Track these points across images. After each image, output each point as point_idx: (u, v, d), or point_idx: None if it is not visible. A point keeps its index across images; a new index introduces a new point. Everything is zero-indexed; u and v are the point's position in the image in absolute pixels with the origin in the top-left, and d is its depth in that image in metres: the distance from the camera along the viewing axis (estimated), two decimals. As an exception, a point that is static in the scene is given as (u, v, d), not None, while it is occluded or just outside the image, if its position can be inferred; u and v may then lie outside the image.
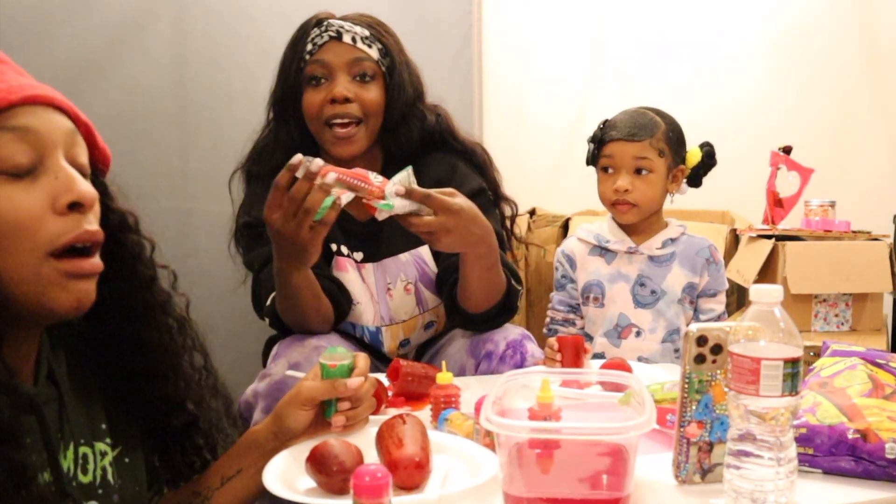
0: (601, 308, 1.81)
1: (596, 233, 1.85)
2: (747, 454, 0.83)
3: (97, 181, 0.86)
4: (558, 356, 1.41)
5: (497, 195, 1.70)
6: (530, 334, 1.55)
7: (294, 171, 1.26)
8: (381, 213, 1.29)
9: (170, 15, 2.10)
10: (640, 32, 2.75)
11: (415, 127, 1.62)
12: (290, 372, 1.35)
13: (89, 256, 0.80)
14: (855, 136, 2.64)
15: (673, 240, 1.81)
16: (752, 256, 2.21)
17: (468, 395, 1.20)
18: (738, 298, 2.33)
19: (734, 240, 2.38)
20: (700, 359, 0.90)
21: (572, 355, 1.41)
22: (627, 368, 1.35)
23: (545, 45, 2.80)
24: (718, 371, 0.90)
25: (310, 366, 1.16)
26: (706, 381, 0.90)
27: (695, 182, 1.82)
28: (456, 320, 1.59)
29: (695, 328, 0.91)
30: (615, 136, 1.75)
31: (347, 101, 1.54)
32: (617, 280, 1.81)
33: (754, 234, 2.27)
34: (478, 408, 1.05)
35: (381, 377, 1.32)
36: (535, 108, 2.82)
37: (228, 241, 1.71)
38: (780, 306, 0.84)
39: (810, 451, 0.95)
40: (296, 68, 1.58)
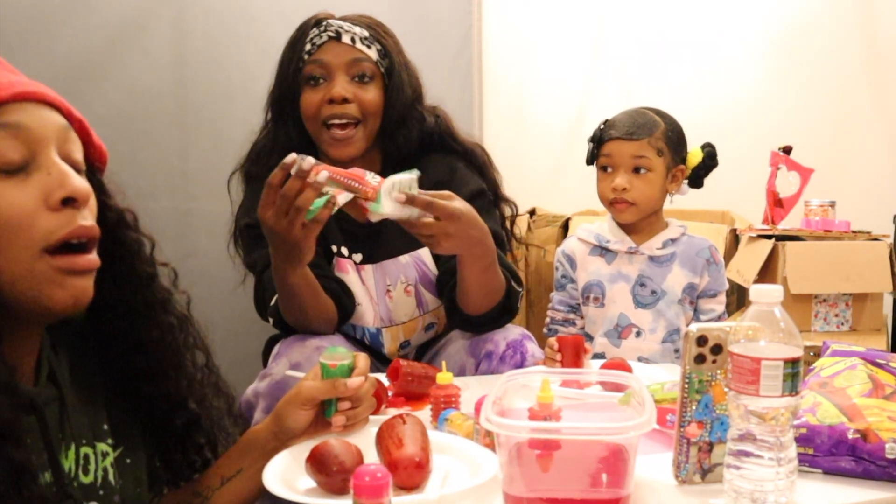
0: (601, 308, 1.82)
1: (596, 233, 1.85)
2: (747, 454, 0.83)
3: (94, 178, 0.86)
4: (558, 356, 1.41)
5: (497, 196, 1.70)
6: (530, 334, 1.55)
7: (288, 170, 1.26)
8: (372, 216, 1.29)
9: (170, 15, 2.10)
10: (640, 32, 2.75)
11: (414, 128, 1.62)
12: (291, 372, 1.35)
13: (85, 253, 0.79)
14: (855, 136, 2.64)
15: (673, 240, 1.81)
16: (752, 256, 2.21)
17: (468, 395, 1.20)
18: (738, 298, 2.33)
19: (734, 240, 2.38)
20: (700, 359, 0.90)
21: (572, 355, 1.41)
22: (627, 368, 1.35)
23: (545, 45, 2.80)
24: (718, 371, 0.90)
25: (310, 366, 1.16)
26: (706, 381, 0.90)
27: (696, 183, 1.82)
28: (456, 322, 1.59)
29: (695, 328, 0.91)
30: (614, 134, 1.76)
31: (346, 101, 1.54)
32: (617, 280, 1.81)
33: (754, 234, 2.27)
34: (478, 408, 1.05)
35: (381, 377, 1.32)
36: (535, 108, 2.82)
37: (228, 241, 1.72)
38: (780, 306, 0.84)
39: (810, 451, 0.95)
40: (294, 68, 1.57)
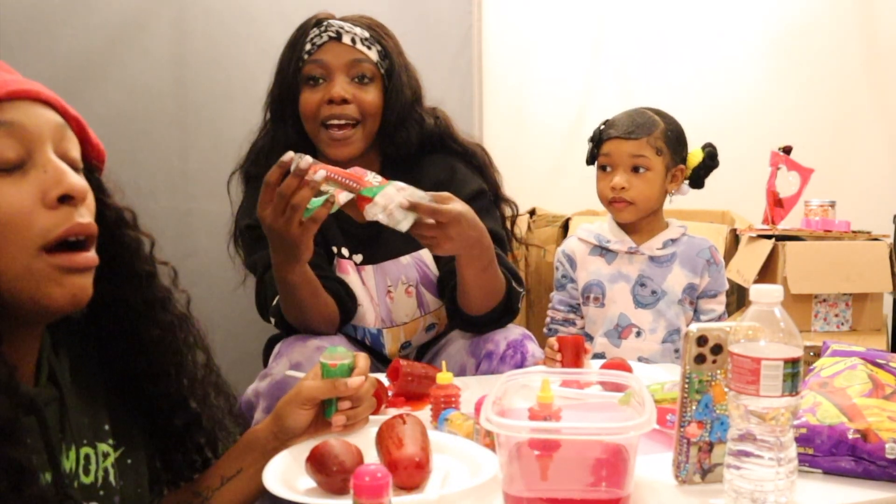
0: (601, 308, 1.82)
1: (596, 233, 1.85)
2: (747, 454, 0.83)
3: (92, 177, 0.86)
4: (558, 356, 1.41)
5: (497, 196, 1.70)
6: (531, 334, 1.55)
7: (285, 168, 1.27)
8: (368, 212, 1.29)
9: (170, 15, 2.10)
10: (640, 32, 2.75)
11: (413, 130, 1.61)
12: (291, 372, 1.35)
13: (83, 250, 0.79)
14: (855, 136, 2.64)
15: (673, 240, 1.81)
16: (752, 256, 2.21)
17: (468, 395, 1.20)
18: (738, 298, 2.33)
19: (734, 240, 2.38)
20: (700, 359, 0.90)
21: (572, 355, 1.41)
22: (627, 368, 1.35)
23: (545, 45, 2.80)
24: (718, 371, 0.90)
25: (311, 366, 1.16)
26: (706, 381, 0.90)
27: (696, 183, 1.82)
28: (457, 323, 1.59)
29: (695, 328, 0.91)
30: (613, 134, 1.76)
31: (345, 102, 1.54)
32: (617, 280, 1.81)
33: (754, 234, 2.27)
34: (478, 408, 1.05)
35: (381, 377, 1.32)
36: (535, 108, 2.82)
37: (228, 241, 1.72)
38: (780, 306, 0.84)
39: (810, 451, 0.95)
40: (294, 68, 1.57)
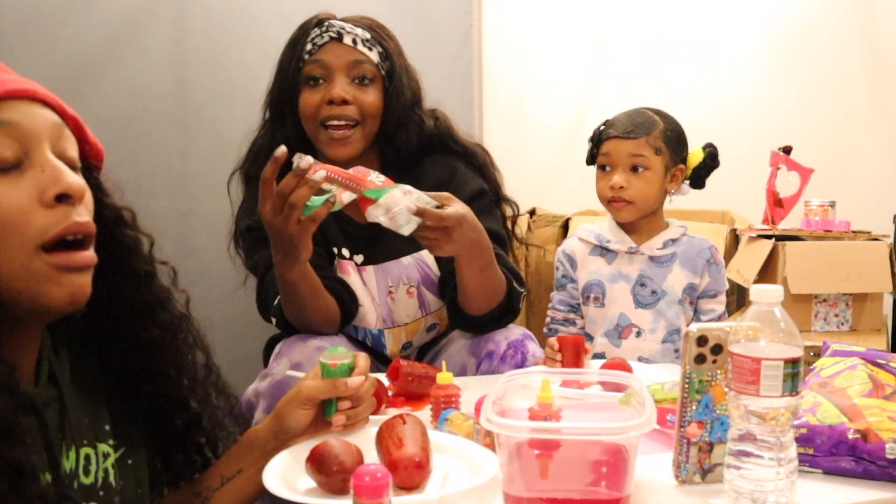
0: (601, 308, 1.82)
1: (597, 233, 1.85)
2: (747, 454, 0.83)
3: (90, 176, 0.86)
4: (559, 356, 1.41)
5: (498, 196, 1.70)
6: (532, 334, 1.55)
7: (278, 164, 1.26)
8: (370, 213, 1.29)
9: (170, 15, 2.10)
10: (640, 32, 2.75)
11: (412, 131, 1.61)
12: (291, 372, 1.35)
13: (81, 249, 0.79)
14: (855, 136, 2.64)
15: (674, 240, 1.81)
16: (752, 256, 2.21)
17: (468, 395, 1.20)
18: (738, 298, 2.32)
19: (734, 240, 2.38)
20: (700, 359, 0.90)
21: (573, 355, 1.41)
22: (628, 368, 1.35)
23: (545, 45, 2.80)
24: (719, 371, 0.90)
25: (311, 366, 1.16)
26: (706, 381, 0.90)
27: (697, 183, 1.82)
28: (458, 323, 1.59)
29: (695, 328, 0.90)
30: (612, 133, 1.77)
31: (345, 102, 1.54)
32: (617, 280, 1.81)
33: (754, 234, 2.27)
34: (478, 408, 1.05)
35: (382, 377, 1.32)
36: (535, 108, 2.82)
37: (228, 241, 1.71)
38: (781, 306, 0.84)
39: (811, 452, 0.95)
40: (294, 68, 1.57)
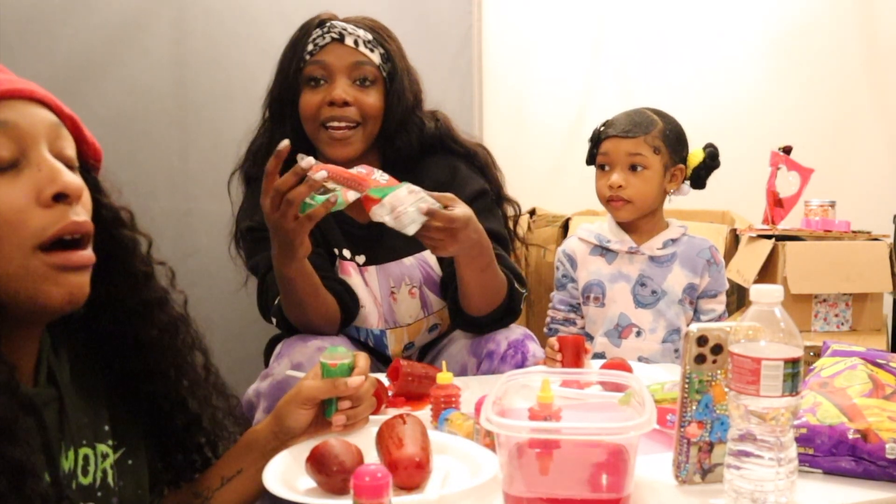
0: (602, 308, 1.82)
1: (597, 233, 1.85)
2: (748, 454, 0.83)
3: (88, 176, 0.86)
4: (559, 356, 1.41)
5: (499, 196, 1.69)
6: (532, 334, 1.55)
7: (281, 158, 1.27)
8: (375, 213, 1.29)
9: (170, 15, 2.10)
10: (640, 32, 2.75)
11: (413, 133, 1.61)
12: (291, 372, 1.35)
13: (79, 249, 0.79)
14: (855, 136, 2.64)
15: (674, 240, 1.81)
16: (752, 256, 2.21)
17: (468, 395, 1.20)
18: (738, 298, 2.32)
19: (734, 240, 2.38)
20: (700, 359, 0.90)
21: (573, 355, 1.41)
22: (628, 368, 1.35)
23: (545, 45, 2.80)
24: (719, 371, 0.90)
25: (312, 366, 1.16)
26: (706, 381, 0.90)
27: (698, 183, 1.82)
28: (460, 323, 1.59)
29: (695, 328, 0.90)
30: (611, 133, 1.77)
31: (346, 104, 1.54)
32: (618, 280, 1.81)
33: (754, 234, 2.27)
34: (478, 408, 1.05)
35: (382, 377, 1.32)
36: (535, 108, 2.82)
37: (229, 242, 1.71)
38: (781, 306, 0.84)
39: (811, 452, 0.95)
40: (295, 68, 1.57)
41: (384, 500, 0.73)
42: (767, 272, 2.15)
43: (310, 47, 1.56)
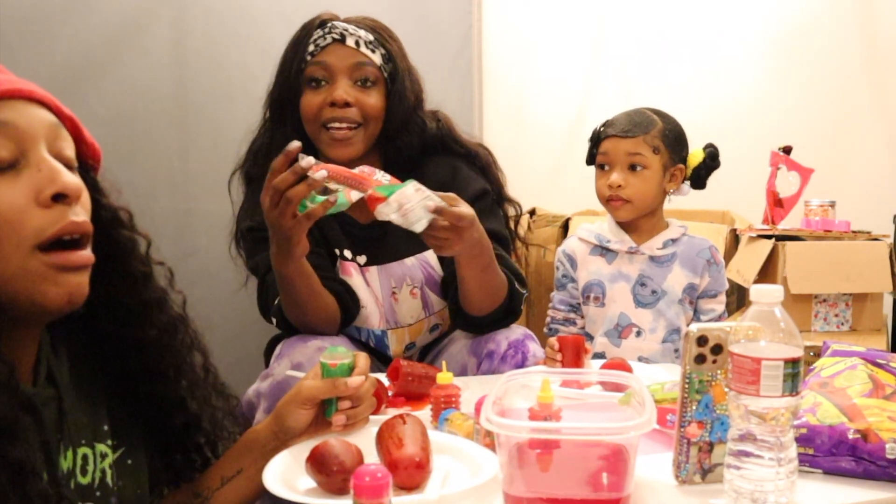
0: (602, 308, 1.82)
1: (597, 233, 1.85)
2: (748, 454, 0.83)
3: (87, 176, 0.86)
4: (559, 356, 1.41)
5: (501, 196, 1.69)
6: (532, 334, 1.55)
7: (290, 157, 1.27)
8: (381, 211, 1.29)
9: (170, 15, 2.10)
10: (640, 32, 2.75)
11: (414, 134, 1.61)
12: (291, 372, 1.35)
13: (78, 249, 0.79)
14: (855, 136, 2.63)
15: (674, 240, 1.81)
16: (752, 256, 2.21)
17: (468, 395, 1.20)
18: (738, 298, 2.32)
19: (734, 240, 2.38)
20: (700, 359, 0.90)
21: (573, 355, 1.41)
22: (628, 368, 1.35)
23: (545, 45, 2.80)
24: (719, 371, 0.90)
25: (312, 366, 1.16)
26: (706, 381, 0.90)
27: (698, 183, 1.82)
28: (460, 324, 1.59)
29: (695, 328, 0.90)
30: (610, 132, 1.77)
31: (347, 105, 1.53)
32: (618, 280, 1.81)
33: (754, 234, 2.27)
34: (478, 408, 1.05)
35: (382, 377, 1.32)
36: (535, 108, 2.82)
37: (229, 242, 1.71)
38: (781, 306, 0.84)
39: (811, 452, 0.95)
40: (296, 69, 1.57)
41: (384, 500, 0.73)
42: (767, 272, 2.15)
43: (311, 48, 1.56)
